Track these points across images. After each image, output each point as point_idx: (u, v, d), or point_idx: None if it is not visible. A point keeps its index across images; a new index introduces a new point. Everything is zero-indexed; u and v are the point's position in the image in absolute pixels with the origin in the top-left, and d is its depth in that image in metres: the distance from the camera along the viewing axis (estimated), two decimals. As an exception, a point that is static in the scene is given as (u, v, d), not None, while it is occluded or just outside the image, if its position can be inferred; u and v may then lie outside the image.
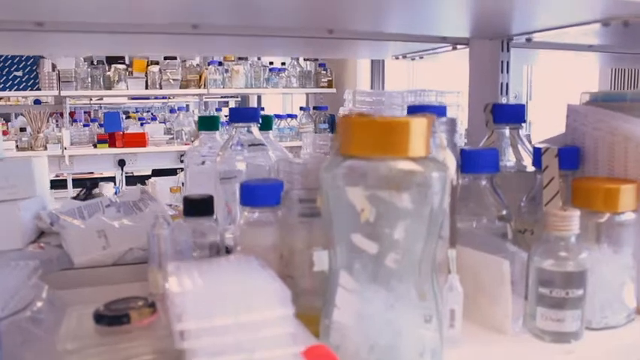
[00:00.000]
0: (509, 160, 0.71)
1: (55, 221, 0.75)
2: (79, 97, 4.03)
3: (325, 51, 1.33)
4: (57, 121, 3.48)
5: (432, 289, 0.47)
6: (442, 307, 0.49)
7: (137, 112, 5.11)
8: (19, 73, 2.71)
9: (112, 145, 2.94)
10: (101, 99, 4.57)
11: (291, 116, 3.39)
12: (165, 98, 4.49)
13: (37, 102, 3.69)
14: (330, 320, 0.48)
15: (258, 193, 0.61)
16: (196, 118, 3.03)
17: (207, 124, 0.97)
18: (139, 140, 2.90)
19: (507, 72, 0.83)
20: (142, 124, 3.49)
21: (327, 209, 0.47)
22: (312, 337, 0.47)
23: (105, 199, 0.80)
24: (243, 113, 0.86)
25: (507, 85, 0.83)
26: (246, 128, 0.86)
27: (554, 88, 2.35)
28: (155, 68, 2.97)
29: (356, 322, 0.46)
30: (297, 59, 3.25)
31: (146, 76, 2.97)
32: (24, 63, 2.71)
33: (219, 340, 0.38)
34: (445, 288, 0.52)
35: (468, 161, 0.61)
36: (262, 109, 3.58)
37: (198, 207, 0.61)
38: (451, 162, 0.49)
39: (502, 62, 0.82)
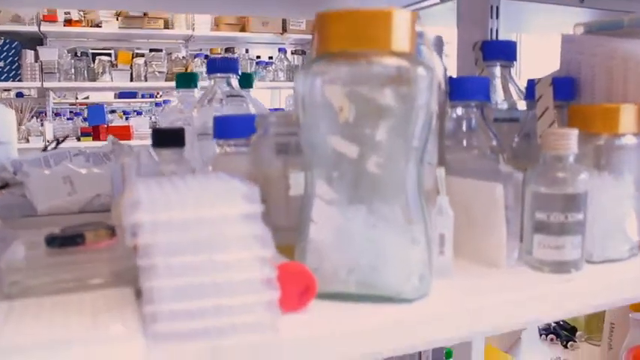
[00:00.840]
0: (500, 99, 0.67)
1: (18, 169, 0.70)
2: (64, 95, 3.97)
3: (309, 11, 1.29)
4: (41, 120, 3.42)
5: (420, 212, 0.43)
6: (431, 232, 0.45)
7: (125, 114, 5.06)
8: (1, 64, 2.64)
9: (96, 138, 2.89)
10: (87, 97, 4.51)
11: (279, 110, 3.34)
12: (153, 97, 4.43)
13: (19, 95, 3.62)
14: (306, 240, 0.43)
15: (232, 124, 0.57)
16: (182, 110, 2.98)
17: (185, 80, 0.92)
18: (124, 133, 2.84)
19: (497, 17, 0.79)
20: (126, 118, 3.43)
21: (303, 118, 0.43)
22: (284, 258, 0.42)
23: (74, 149, 0.75)
24: (222, 63, 0.82)
25: (497, 31, 0.79)
26: (225, 80, 0.81)
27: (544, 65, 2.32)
28: (140, 60, 2.92)
29: (335, 238, 0.42)
30: (285, 53, 3.22)
31: (131, 68, 2.93)
32: (5, 54, 2.65)
33: (175, 236, 0.34)
34: (434, 212, 0.47)
35: (458, 88, 0.57)
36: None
37: (166, 138, 0.56)
38: (439, 66, 0.45)
39: (492, 7, 0.79)
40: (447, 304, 0.43)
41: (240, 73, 0.82)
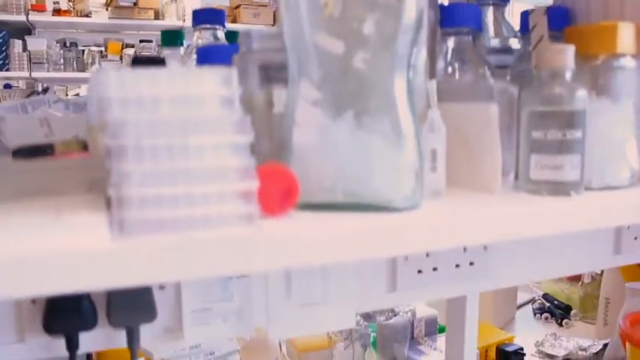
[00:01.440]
0: (493, 37, 0.65)
1: (-8, 115, 0.67)
2: (54, 93, 3.93)
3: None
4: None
5: (411, 123, 0.41)
6: (423, 147, 0.43)
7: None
8: (-12, 53, 2.61)
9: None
10: (78, 95, 4.46)
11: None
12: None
13: (7, 87, 3.57)
14: (289, 146, 0.40)
15: (213, 53, 0.55)
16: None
17: (171, 38, 0.90)
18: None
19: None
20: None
21: (287, 16, 0.40)
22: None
23: (53, 96, 0.73)
24: (208, 14, 0.80)
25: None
26: (211, 32, 0.79)
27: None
28: (130, 51, 2.90)
29: (320, 142, 0.39)
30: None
31: (121, 59, 2.90)
32: (-7, 43, 2.62)
33: (146, 115, 0.31)
34: (425, 126, 0.45)
35: (449, 15, 0.55)
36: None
37: (147, 64, 0.54)
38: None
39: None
40: (439, 215, 0.41)
41: (226, 26, 0.80)
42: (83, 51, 2.89)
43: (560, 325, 1.31)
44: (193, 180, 0.32)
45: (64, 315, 0.52)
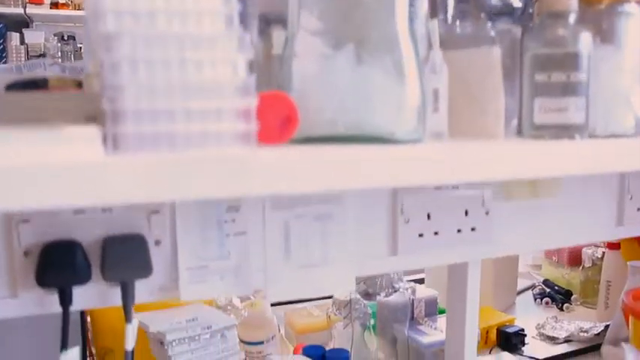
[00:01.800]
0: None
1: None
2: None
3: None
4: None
5: (414, 60, 0.40)
6: (424, 87, 0.42)
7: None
8: (-15, 47, 2.60)
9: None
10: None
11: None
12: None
13: (4, 81, 3.55)
14: (288, 79, 0.40)
15: None
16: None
17: None
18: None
19: None
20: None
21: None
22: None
23: (50, 60, 0.71)
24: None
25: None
26: None
27: None
28: (129, 46, 2.88)
29: (320, 72, 0.38)
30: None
31: (119, 53, 2.88)
32: (-10, 36, 2.61)
33: (142, 27, 0.30)
34: (427, 67, 0.44)
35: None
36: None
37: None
38: None
39: None
40: (441, 149, 0.40)
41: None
42: (81, 46, 2.88)
43: (561, 309, 1.30)
44: (190, 95, 0.31)
45: (58, 268, 0.51)
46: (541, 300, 1.34)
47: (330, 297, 1.05)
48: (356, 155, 0.35)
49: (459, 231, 0.67)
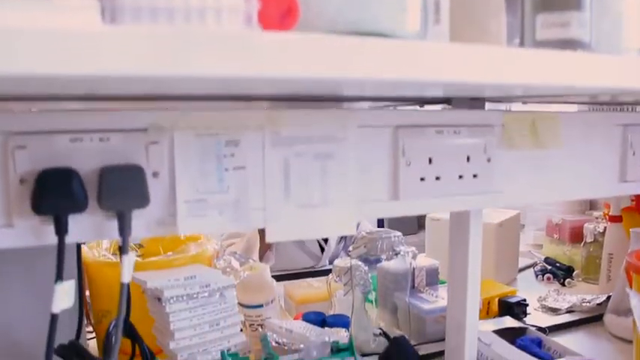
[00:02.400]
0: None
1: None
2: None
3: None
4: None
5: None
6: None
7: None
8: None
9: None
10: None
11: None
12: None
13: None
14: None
15: None
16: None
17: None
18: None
19: None
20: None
21: None
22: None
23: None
24: None
25: None
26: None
27: None
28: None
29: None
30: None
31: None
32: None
33: None
34: (429, -21, 0.44)
35: None
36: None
37: None
38: None
39: None
40: (444, 46, 0.39)
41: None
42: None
43: (563, 284, 1.29)
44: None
45: (54, 195, 0.50)
46: (542, 276, 1.33)
47: (329, 271, 1.04)
48: (359, 42, 0.34)
49: (460, 177, 0.67)
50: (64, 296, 0.52)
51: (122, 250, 0.52)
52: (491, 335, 0.84)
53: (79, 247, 0.86)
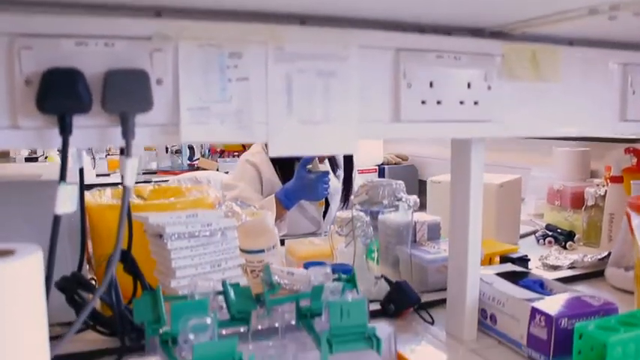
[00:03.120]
0: None
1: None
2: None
3: None
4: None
5: None
6: None
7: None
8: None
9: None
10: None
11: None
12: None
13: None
14: None
15: None
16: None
17: None
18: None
19: None
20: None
21: None
22: None
23: None
24: None
25: None
26: None
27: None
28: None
29: None
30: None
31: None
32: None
33: None
34: None
35: None
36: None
37: None
38: None
39: None
40: None
41: None
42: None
43: (564, 248, 1.29)
44: None
45: (59, 94, 0.50)
46: (544, 240, 1.33)
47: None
48: None
49: (461, 103, 0.67)
50: (66, 199, 0.53)
51: (126, 152, 0.52)
52: (493, 276, 0.84)
53: (82, 191, 0.86)
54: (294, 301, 0.68)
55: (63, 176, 0.52)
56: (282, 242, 1.12)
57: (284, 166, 1.51)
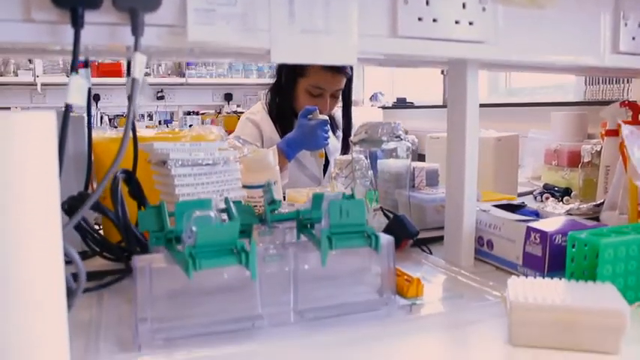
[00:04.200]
0: None
1: None
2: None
3: None
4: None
5: None
6: None
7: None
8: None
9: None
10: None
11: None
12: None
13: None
14: None
15: None
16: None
17: None
18: (115, 70, 2.82)
19: None
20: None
21: None
22: None
23: None
24: None
25: None
26: None
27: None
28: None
29: None
30: None
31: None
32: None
33: None
34: None
35: None
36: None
37: None
38: None
39: None
40: None
41: None
42: None
43: (561, 201, 1.31)
44: None
45: (70, -13, 0.53)
46: (541, 197, 1.35)
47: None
48: None
49: (456, 22, 0.69)
50: (77, 91, 0.55)
51: (134, 47, 0.55)
52: (490, 206, 0.86)
53: (89, 126, 0.89)
54: (294, 219, 0.70)
55: (74, 68, 0.54)
56: (283, 194, 1.14)
57: (284, 124, 1.53)
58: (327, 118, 1.42)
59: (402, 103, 3.61)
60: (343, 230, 0.60)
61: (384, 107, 3.67)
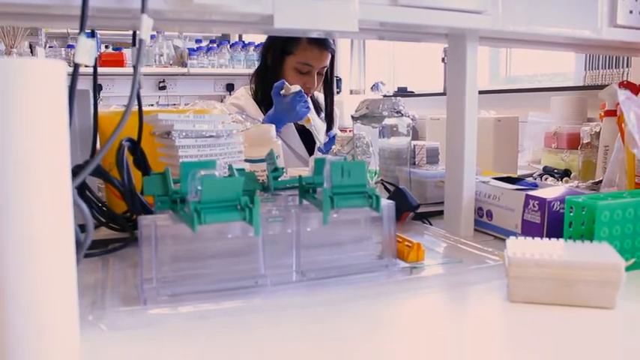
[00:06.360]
0: None
1: None
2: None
3: None
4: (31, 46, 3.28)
5: None
6: None
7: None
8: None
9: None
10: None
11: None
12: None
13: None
14: None
15: None
16: (175, 42, 2.98)
17: None
18: (117, 60, 2.83)
19: None
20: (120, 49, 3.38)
21: None
22: None
23: None
24: None
25: None
26: None
27: None
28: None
29: None
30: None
31: None
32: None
33: None
34: None
35: None
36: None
37: None
38: None
39: None
40: None
41: None
42: None
43: (561, 182, 1.33)
44: None
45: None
46: (541, 179, 1.36)
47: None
48: None
49: (457, -9, 0.70)
50: (85, 51, 0.56)
51: (142, 8, 0.56)
52: (489, 178, 0.87)
53: (95, 102, 0.90)
54: (297, 185, 0.71)
55: (83, 27, 0.55)
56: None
57: (269, 106, 1.56)
58: (299, 87, 1.45)
59: (402, 92, 3.62)
60: (345, 191, 0.61)
61: (385, 96, 3.68)
